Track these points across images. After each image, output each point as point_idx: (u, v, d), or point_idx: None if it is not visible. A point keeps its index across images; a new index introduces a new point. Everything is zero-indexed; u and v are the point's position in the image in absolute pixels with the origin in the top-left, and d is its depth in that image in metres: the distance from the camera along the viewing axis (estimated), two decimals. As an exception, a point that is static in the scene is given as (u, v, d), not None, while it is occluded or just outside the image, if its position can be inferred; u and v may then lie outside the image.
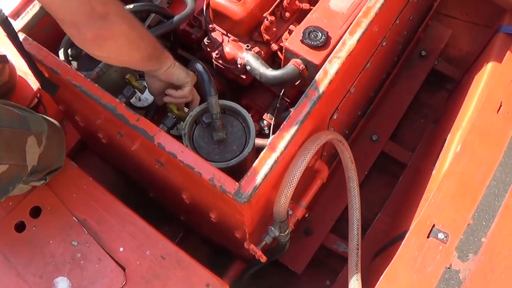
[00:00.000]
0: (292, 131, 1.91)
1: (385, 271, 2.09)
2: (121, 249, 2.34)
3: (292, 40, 2.23)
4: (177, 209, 2.81)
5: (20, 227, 2.39)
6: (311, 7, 2.43)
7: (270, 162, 1.86)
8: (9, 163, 2.00)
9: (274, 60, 2.47)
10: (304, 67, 2.21)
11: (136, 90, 2.25)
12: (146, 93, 2.31)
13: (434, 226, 2.13)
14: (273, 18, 2.35)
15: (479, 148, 2.27)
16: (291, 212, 2.19)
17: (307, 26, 2.23)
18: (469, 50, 3.54)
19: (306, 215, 2.34)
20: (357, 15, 2.20)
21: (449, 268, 2.06)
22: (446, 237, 2.11)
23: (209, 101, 2.03)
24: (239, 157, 2.04)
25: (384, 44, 2.49)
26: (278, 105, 2.42)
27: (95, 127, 2.32)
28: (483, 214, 2.14)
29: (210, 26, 2.45)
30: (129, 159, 2.39)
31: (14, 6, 2.53)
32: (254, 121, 2.40)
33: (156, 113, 2.39)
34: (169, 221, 3.06)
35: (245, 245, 2.22)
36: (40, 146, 2.15)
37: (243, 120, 2.11)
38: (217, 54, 2.40)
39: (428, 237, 2.12)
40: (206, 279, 2.32)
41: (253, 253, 2.23)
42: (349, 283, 2.24)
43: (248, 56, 2.32)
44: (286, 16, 2.44)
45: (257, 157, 1.89)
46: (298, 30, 2.24)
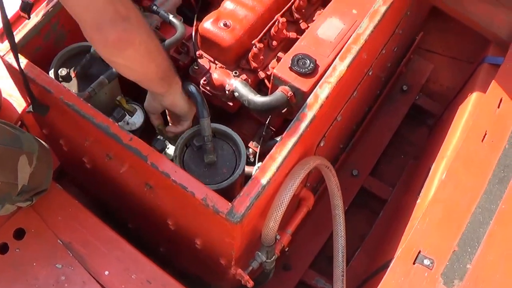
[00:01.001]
0: (284, 153, 1.93)
1: (371, 297, 2.10)
2: (106, 272, 2.32)
3: (281, 67, 2.26)
4: (157, 239, 2.79)
5: (3, 249, 2.35)
6: (298, 36, 2.46)
7: (263, 182, 1.87)
8: (1, 180, 1.99)
9: (260, 88, 2.48)
10: (292, 94, 2.23)
11: (126, 112, 2.24)
12: (134, 117, 2.31)
13: (420, 252, 2.14)
14: (261, 45, 2.38)
15: (464, 176, 2.30)
16: (279, 237, 2.19)
17: (295, 54, 2.26)
18: (450, 85, 3.58)
19: (286, 249, 2.33)
20: (345, 43, 2.24)
21: (435, 294, 2.08)
22: (432, 263, 2.12)
23: (201, 123, 2.04)
24: (229, 179, 2.04)
25: (370, 73, 2.53)
26: (263, 133, 2.43)
27: (81, 150, 2.30)
28: (468, 241, 2.15)
29: (198, 52, 2.47)
30: (113, 185, 2.38)
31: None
32: (239, 149, 2.42)
33: (141, 137, 2.38)
34: (146, 253, 3.03)
35: (232, 269, 2.21)
36: (31, 166, 2.15)
37: (233, 143, 2.12)
38: (204, 81, 2.41)
39: (414, 263, 2.12)
40: (192, 303, 2.30)
41: (240, 278, 2.23)
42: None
43: (236, 83, 2.34)
44: (273, 44, 2.47)
45: (245, 183, 1.90)
46: (287, 57, 2.27)
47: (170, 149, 2.27)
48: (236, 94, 2.33)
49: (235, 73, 2.39)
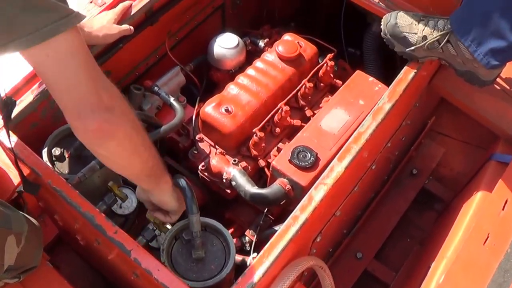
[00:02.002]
0: (271, 258, 1.87)
1: None
2: None
3: (280, 159, 2.21)
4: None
5: (-14, 326, 2.30)
6: (302, 124, 2.43)
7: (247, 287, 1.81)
8: None
9: (260, 175, 2.44)
10: (290, 187, 2.18)
11: (117, 198, 2.20)
12: (127, 201, 2.27)
13: None
14: (262, 134, 2.33)
15: (462, 280, 2.21)
16: None
17: (296, 146, 2.22)
18: (460, 171, 3.49)
19: None
20: (349, 136, 2.19)
21: None
22: None
23: (190, 219, 1.98)
24: (216, 277, 1.98)
25: (373, 167, 2.47)
26: (261, 222, 2.37)
27: (73, 230, 2.26)
28: None
29: (198, 136, 2.43)
30: (106, 265, 2.33)
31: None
32: (236, 236, 2.38)
33: (138, 217, 2.34)
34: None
35: None
36: (18, 246, 2.09)
37: (224, 239, 2.06)
38: (203, 166, 2.37)
39: None
40: None
41: None
42: None
43: (234, 171, 2.29)
44: (277, 131, 2.42)
45: (236, 276, 1.85)
46: (287, 149, 2.22)
47: (161, 236, 2.22)
48: (233, 183, 2.28)
49: (234, 160, 2.35)
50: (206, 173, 2.38)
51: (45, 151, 2.20)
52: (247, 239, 2.41)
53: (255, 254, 1.95)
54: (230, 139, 2.36)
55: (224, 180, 2.32)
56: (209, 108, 2.37)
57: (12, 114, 2.01)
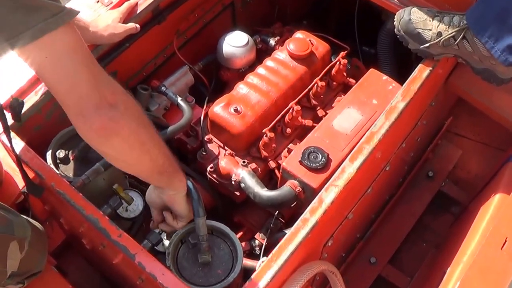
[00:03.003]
0: (280, 262, 1.82)
1: None
2: None
3: (290, 160, 2.16)
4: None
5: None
6: (314, 124, 2.37)
7: (254, 294, 1.75)
8: None
9: (271, 177, 2.39)
10: (300, 189, 2.13)
11: (123, 201, 2.15)
12: (133, 204, 2.21)
13: None
14: (272, 134, 2.28)
15: (479, 286, 2.15)
16: None
17: (307, 146, 2.17)
18: (478, 173, 3.42)
19: None
20: (361, 137, 2.13)
21: None
22: None
23: (196, 222, 1.93)
24: (223, 282, 1.91)
25: (387, 168, 2.40)
26: (271, 225, 2.31)
27: (78, 234, 2.21)
28: None
29: (207, 137, 2.38)
30: (112, 269, 2.28)
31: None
32: (245, 239, 2.33)
33: (145, 220, 2.29)
34: None
35: None
36: (22, 252, 2.05)
37: (231, 243, 2.00)
38: (211, 168, 2.32)
39: None
40: None
41: None
42: None
43: (243, 173, 2.24)
44: (287, 132, 2.37)
45: (244, 281, 1.80)
46: (298, 150, 2.17)
47: (167, 240, 2.17)
48: (242, 185, 2.23)
49: (244, 162, 2.30)
50: (214, 175, 2.33)
51: (49, 154, 2.16)
52: (257, 242, 2.36)
53: (265, 258, 1.89)
54: (239, 140, 2.31)
55: (233, 182, 2.27)
56: (218, 108, 2.32)
57: (21, 114, 2.00)
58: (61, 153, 2.16)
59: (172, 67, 2.62)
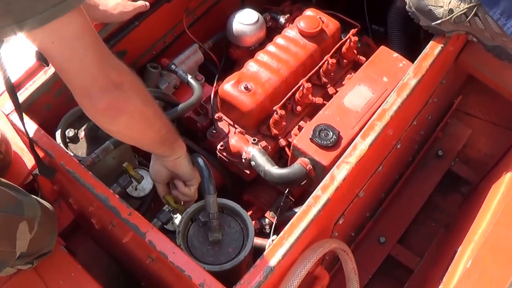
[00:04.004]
0: (291, 239, 1.79)
1: None
2: None
3: (301, 138, 2.14)
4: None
5: (1, 312, 2.26)
6: (324, 102, 2.35)
7: (266, 270, 1.74)
8: None
9: (281, 155, 2.38)
10: (311, 167, 2.11)
11: (132, 179, 2.14)
12: (143, 182, 2.21)
13: None
14: (283, 112, 2.26)
15: (491, 265, 2.13)
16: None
17: (318, 124, 2.15)
18: (488, 152, 3.41)
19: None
20: (372, 114, 2.11)
21: None
22: None
23: (206, 199, 1.91)
24: (233, 261, 1.91)
25: (398, 146, 2.38)
26: (282, 204, 2.30)
27: (88, 213, 2.21)
28: (491, 337, 1.99)
29: (217, 115, 2.37)
30: (121, 249, 2.27)
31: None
32: (255, 218, 2.31)
33: (153, 200, 2.28)
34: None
35: None
36: (31, 232, 2.04)
37: (242, 221, 1.98)
38: (221, 146, 2.30)
39: None
40: None
41: None
42: None
43: (253, 151, 2.22)
44: (298, 110, 2.35)
45: (255, 259, 1.78)
46: (308, 127, 2.15)
47: (177, 218, 2.16)
48: (252, 163, 2.22)
49: (254, 140, 2.28)
50: (224, 153, 2.32)
51: (58, 133, 2.14)
52: (266, 221, 2.35)
53: (275, 236, 1.88)
54: (249, 118, 2.30)
55: (243, 160, 2.26)
56: (228, 86, 2.30)
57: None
58: (70, 132, 2.15)
59: (181, 45, 2.60)
